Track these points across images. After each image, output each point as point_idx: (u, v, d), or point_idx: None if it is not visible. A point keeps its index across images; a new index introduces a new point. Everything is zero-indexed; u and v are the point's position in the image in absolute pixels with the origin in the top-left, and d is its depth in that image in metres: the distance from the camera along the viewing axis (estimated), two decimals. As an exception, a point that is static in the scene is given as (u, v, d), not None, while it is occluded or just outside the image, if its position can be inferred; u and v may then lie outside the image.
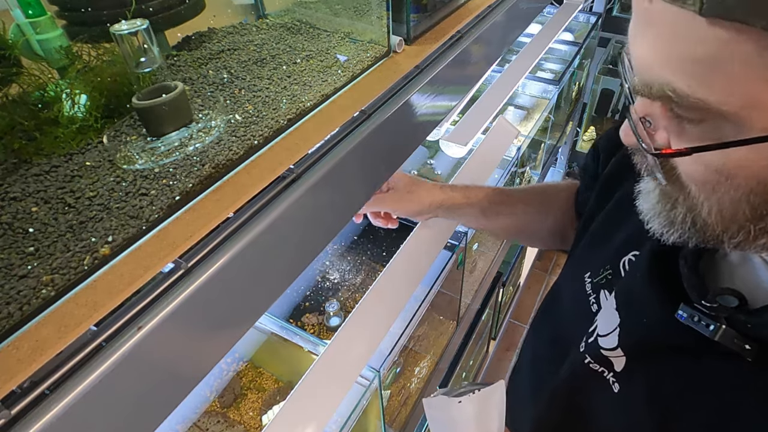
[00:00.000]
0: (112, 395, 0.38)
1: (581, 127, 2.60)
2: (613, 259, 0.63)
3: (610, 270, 0.63)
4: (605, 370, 0.58)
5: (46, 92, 0.48)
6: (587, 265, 0.68)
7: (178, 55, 0.62)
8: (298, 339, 1.01)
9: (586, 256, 0.70)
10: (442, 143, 1.52)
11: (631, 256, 0.61)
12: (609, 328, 0.58)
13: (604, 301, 0.62)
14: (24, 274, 0.38)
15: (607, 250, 0.65)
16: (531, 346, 0.84)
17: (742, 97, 0.33)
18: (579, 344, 0.63)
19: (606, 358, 0.58)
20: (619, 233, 0.64)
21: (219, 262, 0.44)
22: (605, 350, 0.58)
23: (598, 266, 0.66)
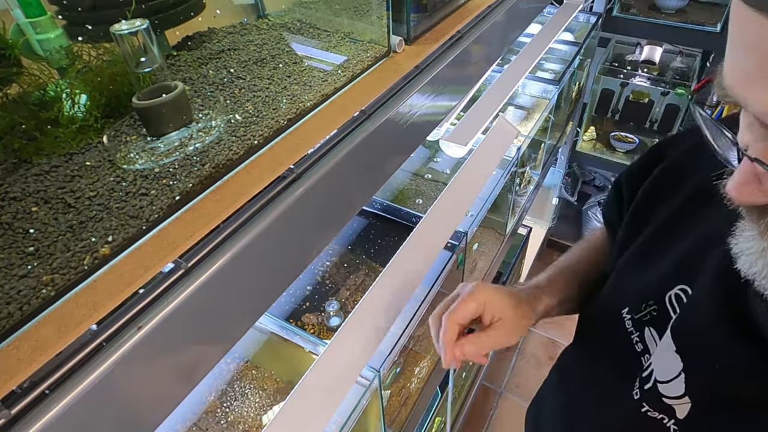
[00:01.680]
0: (112, 395, 0.38)
1: (581, 127, 2.60)
2: (656, 294, 0.58)
3: (654, 306, 0.58)
4: (665, 417, 0.54)
5: (46, 92, 0.48)
6: (624, 300, 0.63)
7: (178, 55, 0.62)
8: (298, 339, 1.01)
9: (620, 290, 0.65)
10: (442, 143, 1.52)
11: (677, 290, 0.56)
12: (670, 374, 0.53)
13: (650, 340, 0.58)
14: (24, 274, 0.38)
15: (646, 285, 0.60)
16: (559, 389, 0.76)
17: None
18: (631, 390, 0.58)
19: (668, 407, 0.53)
20: (658, 266, 0.60)
21: (219, 262, 0.44)
22: (668, 398, 0.53)
23: (638, 301, 0.60)
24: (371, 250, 1.31)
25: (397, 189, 1.52)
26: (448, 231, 1.04)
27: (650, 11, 2.32)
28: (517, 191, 1.83)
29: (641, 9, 2.36)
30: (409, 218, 1.36)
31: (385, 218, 1.39)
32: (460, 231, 1.17)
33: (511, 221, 1.75)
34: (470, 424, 2.20)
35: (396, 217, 1.38)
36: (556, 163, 2.66)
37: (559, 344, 2.51)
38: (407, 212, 1.36)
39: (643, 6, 2.38)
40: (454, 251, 1.14)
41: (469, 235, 1.20)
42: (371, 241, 1.33)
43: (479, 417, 2.24)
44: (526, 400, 2.29)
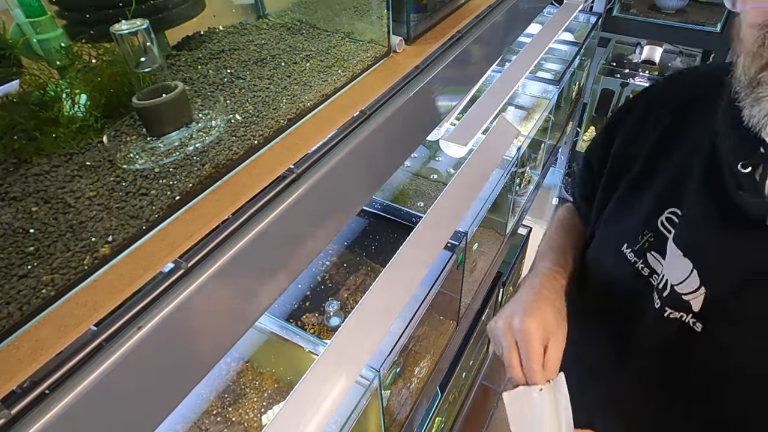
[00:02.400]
0: (112, 395, 0.38)
1: (581, 127, 2.60)
2: (650, 224, 0.68)
3: (650, 233, 0.68)
4: (684, 314, 0.62)
5: (46, 92, 0.48)
6: (620, 239, 0.72)
7: (178, 55, 0.62)
8: (298, 339, 1.01)
9: (613, 233, 0.75)
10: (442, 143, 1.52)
11: (667, 214, 0.67)
12: (683, 275, 0.62)
13: (654, 262, 0.68)
14: (24, 274, 0.38)
15: (636, 220, 0.71)
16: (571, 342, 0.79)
17: None
18: (651, 304, 0.67)
19: (686, 302, 0.62)
20: (643, 201, 0.71)
21: (219, 262, 0.44)
22: (686, 294, 0.62)
23: (634, 235, 0.70)
24: (371, 250, 1.31)
25: (397, 189, 1.52)
26: (448, 231, 1.04)
27: (650, 11, 2.33)
28: (517, 191, 1.83)
29: (641, 9, 2.36)
30: (409, 218, 1.36)
31: (385, 218, 1.39)
32: (460, 231, 1.17)
33: (511, 221, 1.75)
34: (470, 424, 2.20)
35: (396, 217, 1.38)
36: (556, 163, 2.66)
37: (559, 344, 2.51)
38: (407, 212, 1.36)
39: (643, 6, 2.39)
40: (454, 251, 1.14)
41: (469, 235, 1.20)
42: (371, 241, 1.33)
43: (479, 417, 2.24)
44: (526, 400, 2.29)
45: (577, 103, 2.45)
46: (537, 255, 0.88)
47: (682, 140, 0.70)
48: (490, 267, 1.62)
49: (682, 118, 0.72)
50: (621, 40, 2.58)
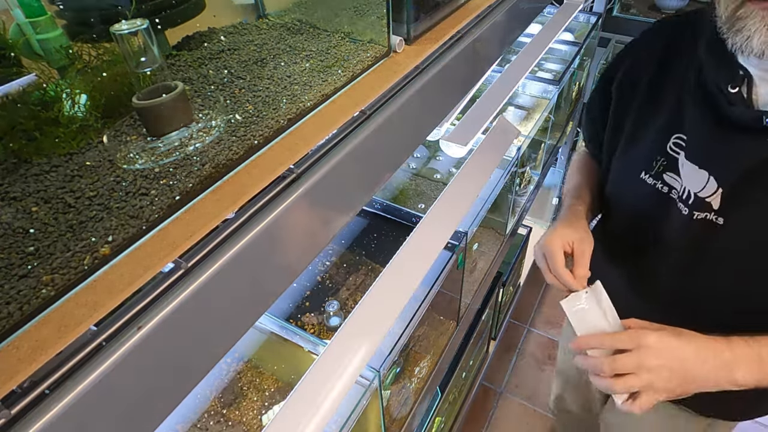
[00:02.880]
0: (112, 395, 0.38)
1: (581, 127, 2.60)
2: (659, 150, 0.84)
3: (663, 158, 0.84)
4: (707, 213, 0.78)
5: (46, 92, 0.48)
6: (635, 166, 0.89)
7: (178, 55, 0.62)
8: (298, 339, 1.01)
9: (628, 162, 0.91)
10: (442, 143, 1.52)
11: (675, 140, 0.82)
12: (702, 182, 0.78)
13: (671, 179, 0.84)
14: (24, 273, 0.38)
15: (646, 148, 0.87)
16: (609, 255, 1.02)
17: None
18: (678, 212, 0.83)
19: (708, 204, 0.77)
20: (647, 136, 0.86)
21: (219, 262, 0.44)
22: (708, 197, 0.77)
23: (648, 162, 0.86)
24: (371, 250, 1.31)
25: (397, 189, 1.52)
26: (448, 231, 1.04)
27: (650, 11, 2.33)
28: (517, 191, 1.83)
29: (641, 9, 2.36)
30: (409, 218, 1.36)
31: (385, 218, 1.39)
32: (460, 231, 1.17)
33: (511, 221, 1.75)
34: (470, 424, 2.20)
35: (396, 217, 1.38)
36: (556, 163, 2.66)
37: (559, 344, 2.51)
38: (407, 212, 1.36)
39: (643, 6, 2.39)
40: (454, 251, 1.14)
41: (469, 235, 1.20)
42: (371, 241, 1.33)
43: (479, 417, 2.24)
44: (526, 400, 2.29)
45: (577, 103, 2.45)
46: (562, 196, 1.09)
47: (669, 81, 0.84)
48: (490, 267, 1.62)
49: (666, 63, 0.86)
50: (621, 40, 2.57)
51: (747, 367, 0.70)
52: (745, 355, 0.71)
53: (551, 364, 2.43)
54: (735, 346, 0.71)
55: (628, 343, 0.70)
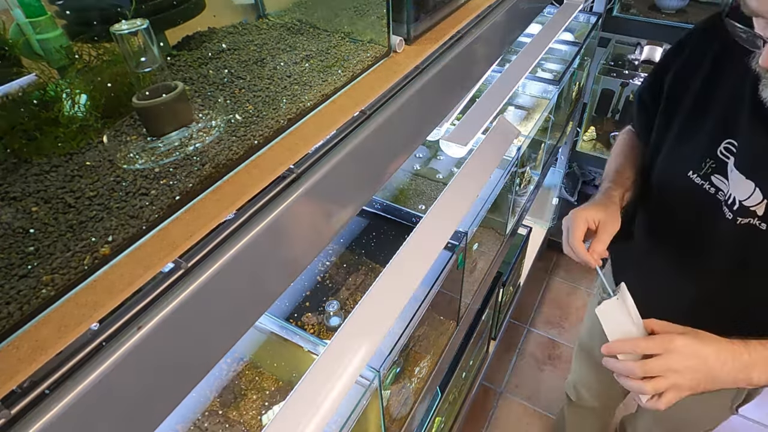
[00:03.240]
0: (112, 395, 0.38)
1: (581, 127, 2.60)
2: (710, 152, 0.86)
3: (712, 161, 0.86)
4: (751, 219, 0.82)
5: (46, 92, 0.48)
6: (684, 165, 0.91)
7: (178, 55, 0.62)
8: (298, 339, 1.01)
9: (678, 159, 0.93)
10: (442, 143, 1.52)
11: (726, 144, 0.84)
12: (748, 192, 0.81)
13: (719, 182, 0.86)
14: (24, 273, 0.38)
15: (697, 148, 0.88)
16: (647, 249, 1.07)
17: None
18: (723, 215, 0.86)
19: (753, 211, 0.81)
20: (701, 133, 0.88)
21: (219, 262, 0.44)
22: (752, 206, 0.81)
23: (698, 162, 0.88)
24: (371, 250, 1.31)
25: (397, 189, 1.52)
26: (448, 231, 1.04)
27: (650, 11, 2.32)
28: (517, 191, 1.83)
29: (641, 9, 2.36)
30: (409, 218, 1.36)
31: (385, 218, 1.39)
32: (460, 231, 1.17)
33: (511, 221, 1.75)
34: (470, 424, 2.20)
35: (396, 217, 1.38)
36: (556, 163, 2.66)
37: (559, 344, 2.51)
38: (407, 212, 1.36)
39: (643, 6, 2.39)
40: (454, 251, 1.14)
41: (469, 235, 1.20)
42: (371, 241, 1.33)
43: (479, 417, 2.24)
44: (526, 400, 2.29)
45: (577, 103, 2.44)
46: (604, 175, 1.11)
47: (723, 81, 0.85)
48: (490, 267, 1.62)
49: (720, 64, 0.86)
50: (621, 40, 2.57)
51: (762, 368, 0.77)
52: (761, 357, 0.76)
53: (551, 364, 2.43)
54: (752, 350, 0.77)
55: (657, 348, 0.76)
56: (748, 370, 0.76)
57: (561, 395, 2.30)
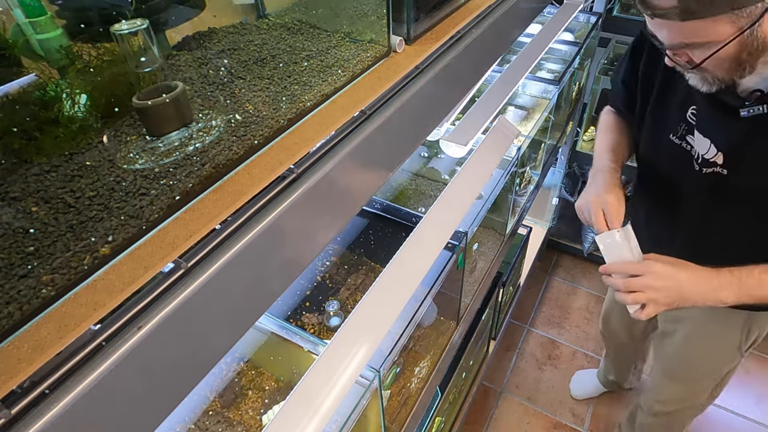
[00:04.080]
0: (112, 395, 0.38)
1: (581, 127, 2.59)
2: (681, 117, 1.05)
3: (684, 124, 1.05)
4: (714, 168, 1.00)
5: (46, 92, 0.48)
6: (666, 129, 1.10)
7: (178, 55, 0.62)
8: (298, 339, 1.01)
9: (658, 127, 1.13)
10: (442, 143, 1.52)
11: (691, 110, 1.03)
12: (706, 148, 1.00)
13: (691, 140, 1.04)
14: (24, 273, 0.38)
15: (672, 115, 1.08)
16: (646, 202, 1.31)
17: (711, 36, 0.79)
18: (693, 168, 1.05)
19: (713, 162, 1.00)
20: (673, 104, 1.07)
21: (219, 262, 0.44)
22: (711, 158, 1.00)
23: (675, 125, 1.08)
24: (371, 250, 1.31)
25: (397, 189, 1.52)
26: (448, 231, 1.04)
27: (650, 11, 2.32)
28: (517, 191, 1.83)
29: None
30: (409, 218, 1.36)
31: (385, 218, 1.39)
32: (460, 231, 1.17)
33: (511, 221, 1.75)
34: (470, 424, 2.20)
35: (396, 217, 1.38)
36: (556, 163, 2.65)
37: (559, 344, 2.51)
38: (407, 212, 1.36)
39: (643, 6, 2.38)
40: (454, 251, 1.14)
41: (469, 235, 1.20)
42: (371, 241, 1.33)
43: (479, 417, 2.24)
44: (526, 400, 2.29)
45: (577, 103, 2.44)
46: (595, 154, 1.24)
47: None
48: (490, 267, 1.62)
49: None
50: (621, 40, 2.57)
51: (729, 290, 0.94)
52: (728, 281, 0.94)
53: (551, 364, 2.43)
54: (721, 274, 0.94)
55: (640, 270, 0.96)
56: (716, 291, 0.94)
57: (561, 395, 2.30)
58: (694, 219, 1.13)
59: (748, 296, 0.94)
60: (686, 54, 0.85)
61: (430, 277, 1.06)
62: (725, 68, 0.85)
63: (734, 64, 0.83)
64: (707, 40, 0.79)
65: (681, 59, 0.86)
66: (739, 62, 0.83)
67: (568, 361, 2.44)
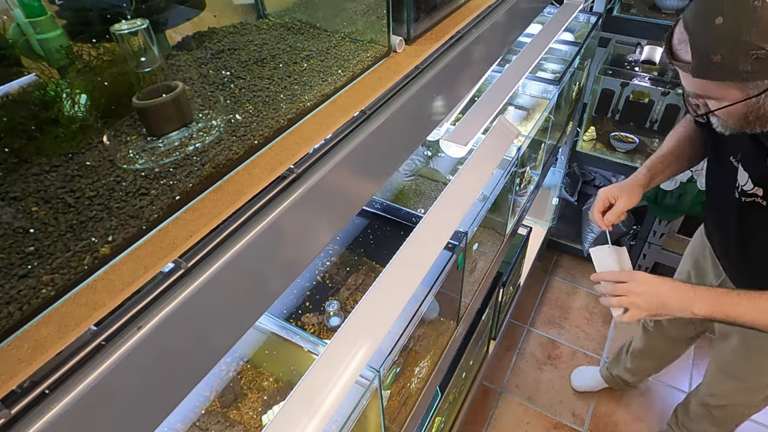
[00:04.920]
0: (112, 395, 0.38)
1: (581, 127, 2.59)
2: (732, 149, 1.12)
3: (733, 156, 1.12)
4: (754, 198, 1.06)
5: (46, 92, 0.48)
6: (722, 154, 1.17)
7: (178, 55, 0.62)
8: (298, 339, 1.01)
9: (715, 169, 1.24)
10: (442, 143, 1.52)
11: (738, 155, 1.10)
12: (745, 181, 1.08)
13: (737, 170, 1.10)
14: (24, 273, 0.38)
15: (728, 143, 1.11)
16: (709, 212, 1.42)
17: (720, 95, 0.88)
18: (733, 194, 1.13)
19: (753, 193, 1.07)
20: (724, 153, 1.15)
21: (219, 262, 0.44)
22: (749, 189, 1.07)
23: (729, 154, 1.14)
24: (371, 250, 1.31)
25: (397, 189, 1.52)
26: (448, 231, 1.04)
27: (650, 11, 2.33)
28: (517, 191, 1.83)
29: (641, 9, 2.37)
30: (409, 218, 1.36)
31: (385, 218, 1.39)
32: (460, 231, 1.17)
33: (511, 221, 1.75)
34: (470, 424, 2.20)
35: (396, 217, 1.38)
36: (556, 163, 2.65)
37: (559, 344, 2.51)
38: (407, 212, 1.36)
39: (643, 6, 2.39)
40: (454, 251, 1.14)
41: (469, 235, 1.20)
42: (371, 241, 1.33)
43: (479, 417, 2.24)
44: (526, 399, 2.29)
45: (577, 103, 2.44)
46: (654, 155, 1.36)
47: None
48: (490, 267, 1.62)
49: None
50: (621, 40, 2.57)
51: (703, 303, 1.02)
52: (704, 295, 1.03)
53: (551, 364, 2.43)
54: (699, 289, 1.04)
55: (625, 277, 1.08)
56: (691, 302, 1.03)
57: (561, 395, 2.30)
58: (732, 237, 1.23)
59: (721, 313, 1.02)
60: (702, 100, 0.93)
61: (430, 277, 1.06)
62: (734, 122, 0.92)
63: (742, 120, 0.90)
64: (717, 96, 0.88)
65: (698, 101, 0.95)
66: (747, 120, 0.90)
67: (568, 361, 2.44)
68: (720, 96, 0.87)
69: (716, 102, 0.89)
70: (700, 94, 0.90)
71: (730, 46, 0.79)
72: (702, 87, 0.88)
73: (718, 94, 0.87)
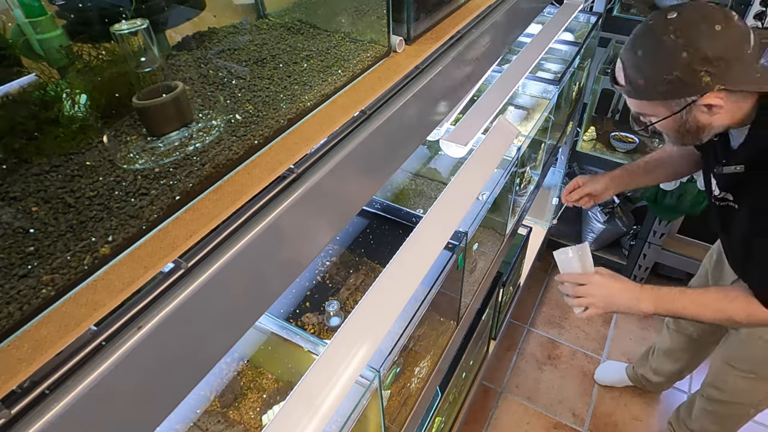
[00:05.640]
0: (112, 395, 0.38)
1: (581, 127, 2.60)
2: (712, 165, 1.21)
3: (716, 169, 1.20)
4: (728, 202, 1.16)
5: (47, 92, 0.48)
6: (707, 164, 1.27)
7: (178, 55, 0.62)
8: (298, 339, 1.01)
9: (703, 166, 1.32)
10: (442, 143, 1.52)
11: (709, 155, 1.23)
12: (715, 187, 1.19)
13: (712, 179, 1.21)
14: (24, 273, 0.38)
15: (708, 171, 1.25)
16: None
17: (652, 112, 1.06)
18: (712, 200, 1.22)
19: (724, 197, 1.16)
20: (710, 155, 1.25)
21: (219, 262, 0.44)
22: (719, 195, 1.18)
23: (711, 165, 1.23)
24: (371, 250, 1.31)
25: (397, 189, 1.52)
26: (448, 231, 1.04)
27: (650, 11, 2.32)
28: (517, 191, 1.83)
29: (641, 9, 2.37)
30: (409, 218, 1.36)
31: (385, 218, 1.39)
32: (460, 231, 1.17)
33: (511, 221, 1.75)
34: (470, 424, 2.20)
35: (396, 217, 1.38)
36: (556, 163, 2.65)
37: (559, 344, 2.51)
38: (407, 212, 1.36)
39: (643, 6, 2.39)
40: (454, 251, 1.14)
41: (469, 235, 1.20)
42: (371, 241, 1.33)
43: (479, 417, 2.24)
44: (526, 399, 2.29)
45: (578, 103, 2.44)
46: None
47: None
48: (490, 267, 1.62)
49: None
50: (621, 40, 2.57)
51: (647, 301, 1.14)
52: (647, 295, 1.15)
53: (551, 364, 2.43)
54: (644, 289, 1.16)
55: (584, 280, 1.21)
56: (638, 301, 1.15)
57: (561, 395, 2.30)
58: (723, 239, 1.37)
59: (663, 309, 1.15)
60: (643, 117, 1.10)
61: (430, 277, 1.06)
62: (673, 135, 1.09)
63: (677, 133, 1.08)
64: (650, 113, 1.06)
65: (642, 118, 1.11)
66: (680, 134, 1.07)
67: (568, 361, 2.44)
68: (652, 113, 1.05)
69: (654, 118, 1.06)
70: (638, 111, 1.08)
71: (648, 73, 0.98)
72: (638, 105, 1.06)
73: (651, 111, 1.05)
